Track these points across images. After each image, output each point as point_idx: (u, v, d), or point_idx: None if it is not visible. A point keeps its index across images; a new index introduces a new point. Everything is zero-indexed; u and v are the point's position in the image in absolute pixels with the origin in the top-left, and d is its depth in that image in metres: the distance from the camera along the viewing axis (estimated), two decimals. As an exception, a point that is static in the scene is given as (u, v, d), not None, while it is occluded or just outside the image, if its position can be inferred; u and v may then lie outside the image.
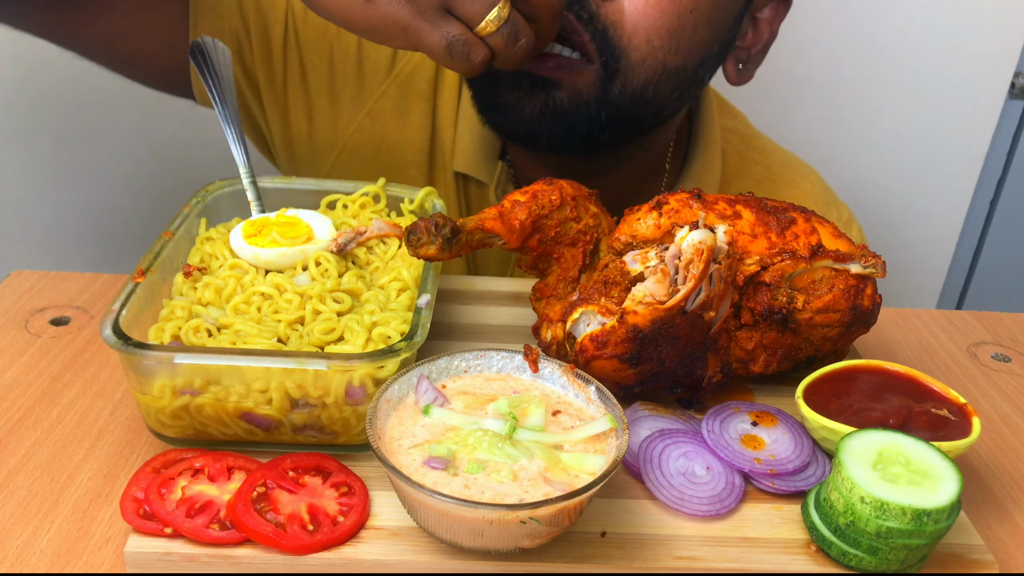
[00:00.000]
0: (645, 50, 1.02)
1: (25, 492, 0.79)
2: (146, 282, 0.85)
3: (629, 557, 0.73)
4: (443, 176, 1.29)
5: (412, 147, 1.28)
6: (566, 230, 0.91)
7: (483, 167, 1.24)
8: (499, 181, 1.24)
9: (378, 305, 0.88)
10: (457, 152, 1.25)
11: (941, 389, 0.85)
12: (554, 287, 0.92)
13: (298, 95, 1.28)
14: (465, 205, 1.29)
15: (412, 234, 0.83)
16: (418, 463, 0.70)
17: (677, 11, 1.01)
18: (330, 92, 1.28)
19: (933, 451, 0.74)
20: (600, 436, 0.74)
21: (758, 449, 0.81)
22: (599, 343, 0.81)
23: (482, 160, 1.24)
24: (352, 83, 1.28)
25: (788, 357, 0.90)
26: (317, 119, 1.29)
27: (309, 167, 1.33)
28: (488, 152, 1.24)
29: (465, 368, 0.81)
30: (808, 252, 0.85)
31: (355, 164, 1.30)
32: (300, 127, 1.30)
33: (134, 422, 0.87)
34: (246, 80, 1.28)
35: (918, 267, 2.07)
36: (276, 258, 0.92)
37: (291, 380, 0.76)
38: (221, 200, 1.04)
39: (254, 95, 1.29)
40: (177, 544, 0.70)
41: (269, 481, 0.74)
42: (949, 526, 0.70)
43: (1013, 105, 1.94)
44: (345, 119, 1.29)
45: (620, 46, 1.01)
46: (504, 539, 0.68)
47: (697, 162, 1.27)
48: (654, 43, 1.02)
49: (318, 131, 1.30)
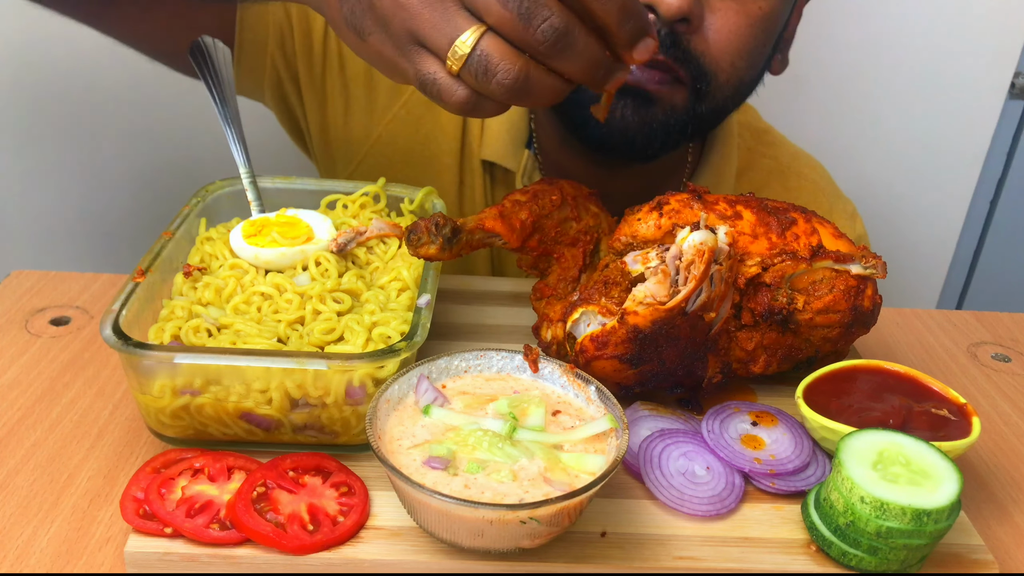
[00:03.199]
0: (730, 72, 1.10)
1: (25, 492, 0.79)
2: (146, 282, 0.85)
3: (629, 557, 0.73)
4: (471, 164, 1.31)
5: (446, 136, 1.30)
6: (566, 230, 0.91)
7: (511, 155, 1.27)
8: (525, 169, 1.27)
9: (378, 305, 0.88)
10: (485, 141, 1.28)
11: (941, 389, 0.85)
12: (554, 287, 0.92)
13: (336, 85, 1.30)
14: (491, 193, 1.32)
15: (412, 234, 0.83)
16: (418, 463, 0.70)
17: (753, 33, 1.09)
18: (368, 83, 1.30)
19: (933, 451, 0.74)
20: (600, 436, 0.74)
21: (758, 449, 0.81)
22: (599, 343, 0.81)
23: (510, 148, 1.27)
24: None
25: (788, 357, 0.90)
26: (354, 109, 1.31)
27: (344, 157, 1.35)
28: (515, 141, 1.27)
29: (465, 368, 0.81)
30: (808, 253, 0.85)
31: (388, 153, 1.32)
32: (337, 117, 1.32)
33: (134, 422, 0.87)
34: (287, 71, 1.30)
35: (918, 267, 2.07)
36: (276, 258, 0.92)
37: (291, 380, 0.76)
38: (221, 200, 1.04)
39: (293, 86, 1.31)
40: (177, 544, 0.70)
41: (269, 481, 0.74)
42: (949, 526, 0.70)
43: (1013, 105, 1.94)
44: (381, 110, 1.31)
45: (709, 71, 1.09)
46: (504, 539, 0.68)
47: (715, 154, 1.31)
48: (736, 64, 1.10)
49: (354, 121, 1.32)
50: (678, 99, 1.09)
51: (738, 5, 1.08)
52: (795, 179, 1.38)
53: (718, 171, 1.31)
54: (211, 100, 1.05)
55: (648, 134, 1.11)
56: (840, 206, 1.39)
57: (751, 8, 1.08)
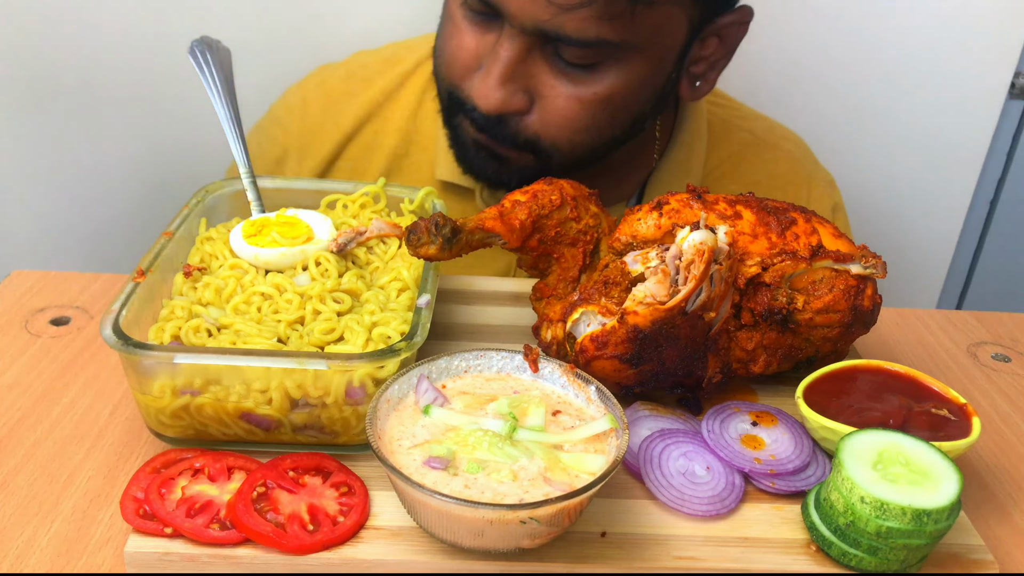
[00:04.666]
0: (569, 145, 1.11)
1: (25, 492, 0.79)
2: (146, 282, 0.85)
3: (629, 557, 0.73)
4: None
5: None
6: (566, 230, 0.90)
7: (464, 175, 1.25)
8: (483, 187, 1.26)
9: (378, 305, 0.88)
10: (438, 162, 1.28)
11: (941, 389, 0.85)
12: (554, 287, 0.92)
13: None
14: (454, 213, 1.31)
15: (412, 234, 0.83)
16: (418, 463, 0.70)
17: (591, 113, 1.09)
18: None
19: (933, 451, 0.74)
20: (600, 436, 0.74)
21: (758, 449, 0.81)
22: (599, 343, 0.81)
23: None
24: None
25: (788, 357, 0.90)
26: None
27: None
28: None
29: (465, 368, 0.81)
30: (808, 252, 0.85)
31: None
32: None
33: (134, 422, 0.87)
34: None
35: (918, 267, 2.06)
36: (276, 258, 0.92)
37: (291, 380, 0.76)
38: (221, 200, 1.04)
39: None
40: (177, 544, 0.70)
41: (269, 481, 0.74)
42: (949, 526, 0.70)
43: (1013, 105, 1.94)
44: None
45: (547, 147, 1.11)
46: (504, 539, 0.68)
47: (686, 132, 1.30)
48: (575, 139, 1.11)
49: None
50: (526, 160, 1.13)
51: (569, 90, 1.07)
52: (770, 151, 1.37)
53: (689, 149, 1.30)
54: (211, 100, 1.05)
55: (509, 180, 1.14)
56: (819, 175, 1.39)
57: (583, 93, 1.07)
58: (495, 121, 1.09)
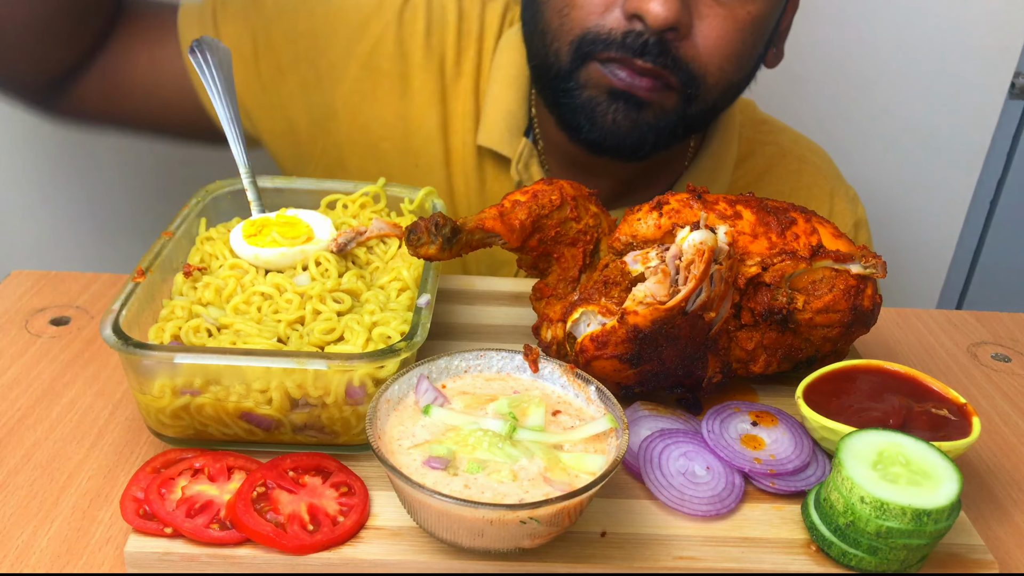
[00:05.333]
0: (719, 75, 1.14)
1: (25, 492, 0.79)
2: (146, 282, 0.85)
3: (629, 557, 0.73)
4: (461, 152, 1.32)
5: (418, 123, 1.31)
6: (566, 230, 0.91)
7: (507, 143, 1.28)
8: (521, 156, 1.27)
9: (378, 305, 0.88)
10: (483, 127, 1.29)
11: (941, 389, 0.85)
12: (554, 287, 0.92)
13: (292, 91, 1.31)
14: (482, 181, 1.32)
15: (412, 234, 0.83)
16: (418, 463, 0.70)
17: (742, 37, 1.12)
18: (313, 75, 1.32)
19: (933, 451, 0.74)
20: (600, 436, 0.74)
21: (758, 449, 0.81)
22: (599, 343, 0.81)
23: (506, 136, 1.28)
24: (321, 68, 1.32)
25: (788, 357, 0.90)
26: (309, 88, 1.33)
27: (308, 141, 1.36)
28: (512, 129, 1.28)
29: (465, 368, 0.81)
30: (808, 252, 0.85)
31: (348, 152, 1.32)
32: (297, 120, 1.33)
33: (134, 422, 0.87)
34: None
35: (918, 267, 2.06)
36: (276, 258, 0.92)
37: (291, 380, 0.76)
38: (221, 200, 1.04)
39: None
40: (177, 544, 0.70)
41: (269, 481, 0.74)
42: (949, 526, 0.70)
43: (1013, 105, 1.94)
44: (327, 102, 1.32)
45: (699, 76, 1.12)
46: (504, 539, 0.68)
47: (716, 141, 1.33)
48: (725, 68, 1.14)
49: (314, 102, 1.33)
50: (668, 103, 1.13)
51: (726, 11, 1.10)
52: (796, 162, 1.41)
53: (718, 158, 1.33)
54: (211, 100, 1.05)
55: (639, 137, 1.15)
56: (842, 190, 1.42)
57: (739, 13, 1.10)
58: (658, 49, 1.08)
